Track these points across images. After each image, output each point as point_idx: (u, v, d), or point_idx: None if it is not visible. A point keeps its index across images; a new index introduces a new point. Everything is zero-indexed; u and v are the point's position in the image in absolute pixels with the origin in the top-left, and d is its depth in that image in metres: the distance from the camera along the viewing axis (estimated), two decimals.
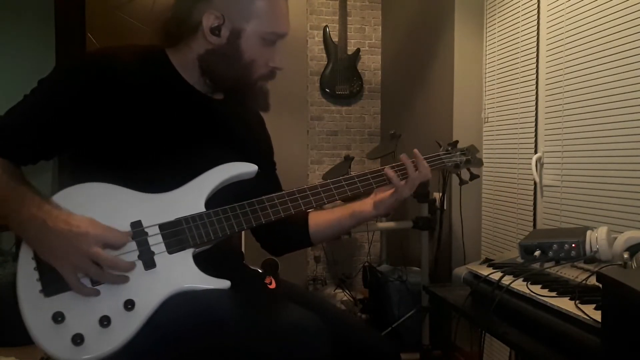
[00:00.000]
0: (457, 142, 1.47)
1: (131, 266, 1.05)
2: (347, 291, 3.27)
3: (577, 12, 1.90)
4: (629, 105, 1.66)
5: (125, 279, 1.04)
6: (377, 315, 2.99)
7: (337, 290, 3.38)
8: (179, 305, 1.05)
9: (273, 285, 1.32)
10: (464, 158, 1.45)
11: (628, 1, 1.66)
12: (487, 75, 2.56)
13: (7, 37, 3.43)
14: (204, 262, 1.12)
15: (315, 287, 3.55)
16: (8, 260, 2.93)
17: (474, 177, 1.50)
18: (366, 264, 3.24)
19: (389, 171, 1.28)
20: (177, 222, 1.11)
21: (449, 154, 1.44)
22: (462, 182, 1.51)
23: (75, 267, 1.01)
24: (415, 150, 1.31)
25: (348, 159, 2.89)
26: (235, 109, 1.28)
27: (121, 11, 3.49)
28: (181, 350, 1.03)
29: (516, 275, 1.27)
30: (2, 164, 1.10)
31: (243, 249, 1.48)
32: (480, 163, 1.49)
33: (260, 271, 1.39)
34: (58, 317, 1.00)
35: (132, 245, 1.07)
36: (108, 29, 3.49)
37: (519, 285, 1.23)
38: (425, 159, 1.33)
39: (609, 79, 1.74)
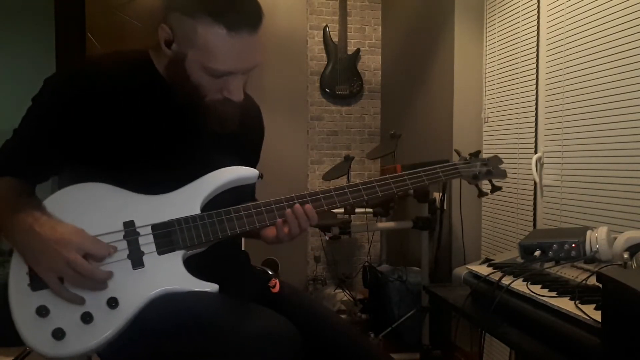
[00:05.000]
0: (479, 152, 1.44)
1: (107, 276, 1.04)
2: (347, 291, 3.27)
3: (577, 12, 1.90)
4: (629, 105, 1.66)
5: (103, 287, 1.04)
6: (377, 315, 2.99)
7: (337, 290, 3.38)
8: (162, 307, 1.05)
9: (276, 289, 1.30)
10: (485, 169, 1.40)
11: (628, 1, 1.66)
12: (487, 75, 2.56)
13: (7, 37, 3.43)
14: (207, 263, 1.12)
15: (315, 287, 3.55)
16: (8, 260, 2.92)
17: (495, 189, 1.45)
18: (366, 264, 3.24)
19: (279, 222, 1.17)
20: (170, 224, 1.11)
21: (467, 163, 1.40)
22: (481, 194, 1.45)
23: (54, 271, 1.01)
24: (299, 208, 1.17)
25: (348, 159, 2.88)
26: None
27: (121, 11, 3.49)
28: (159, 351, 1.03)
29: (516, 275, 1.27)
30: (12, 183, 1.14)
31: (243, 248, 1.47)
32: (503, 174, 1.44)
33: (270, 272, 1.37)
34: (42, 311, 1.01)
35: (123, 244, 1.08)
36: (108, 29, 3.49)
37: (519, 285, 1.22)
38: (441, 167, 1.32)
39: (609, 79, 1.74)
